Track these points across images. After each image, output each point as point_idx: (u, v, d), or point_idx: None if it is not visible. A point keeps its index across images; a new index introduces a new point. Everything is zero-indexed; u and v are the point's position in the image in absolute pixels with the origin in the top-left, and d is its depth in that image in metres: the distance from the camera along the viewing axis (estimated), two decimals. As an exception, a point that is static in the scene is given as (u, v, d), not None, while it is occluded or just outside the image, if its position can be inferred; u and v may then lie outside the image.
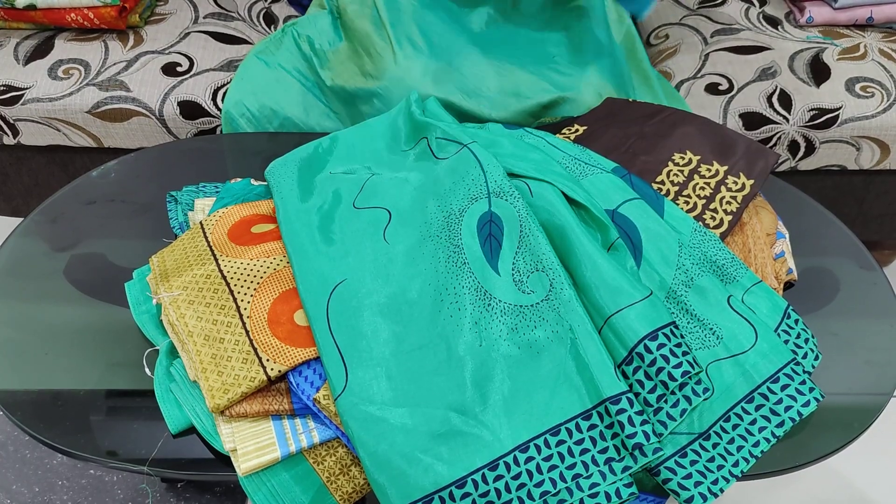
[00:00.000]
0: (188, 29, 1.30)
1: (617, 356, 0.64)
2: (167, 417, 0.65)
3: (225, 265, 0.72)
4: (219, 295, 0.69)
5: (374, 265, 0.72)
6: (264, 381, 0.63)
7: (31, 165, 1.32)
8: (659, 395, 0.63)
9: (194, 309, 0.68)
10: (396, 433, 0.60)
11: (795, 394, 0.65)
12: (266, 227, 0.77)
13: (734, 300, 0.70)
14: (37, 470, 1.21)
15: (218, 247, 0.74)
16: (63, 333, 0.74)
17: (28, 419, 0.67)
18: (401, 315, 0.68)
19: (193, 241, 0.76)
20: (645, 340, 0.63)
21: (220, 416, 0.63)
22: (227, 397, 0.62)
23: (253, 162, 0.95)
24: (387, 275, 0.71)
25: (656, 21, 1.42)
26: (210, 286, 0.70)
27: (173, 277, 0.72)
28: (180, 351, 0.68)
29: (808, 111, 1.19)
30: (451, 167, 0.78)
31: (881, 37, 1.31)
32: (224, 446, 0.63)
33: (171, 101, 1.18)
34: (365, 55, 1.07)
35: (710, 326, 0.68)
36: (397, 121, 0.92)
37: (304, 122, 1.09)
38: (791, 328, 0.71)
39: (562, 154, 0.82)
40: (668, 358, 0.62)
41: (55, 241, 0.83)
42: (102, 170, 0.91)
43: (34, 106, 1.18)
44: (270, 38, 1.16)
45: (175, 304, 0.69)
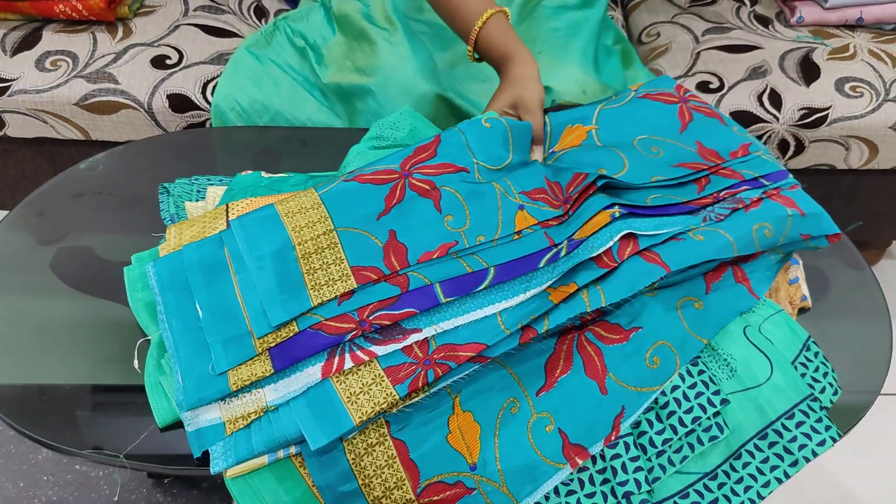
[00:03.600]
0: (178, 21, 1.29)
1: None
2: (155, 410, 0.65)
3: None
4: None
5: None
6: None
7: (18, 158, 1.31)
8: (665, 439, 0.62)
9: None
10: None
11: (811, 432, 0.63)
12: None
13: (750, 330, 0.68)
14: (21, 465, 1.20)
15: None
16: (49, 328, 0.73)
17: (13, 414, 0.66)
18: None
19: (214, 222, 0.75)
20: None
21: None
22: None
23: (243, 156, 0.94)
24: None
25: (648, 19, 1.42)
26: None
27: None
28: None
29: (797, 110, 1.20)
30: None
31: (871, 37, 1.32)
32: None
33: (160, 94, 1.17)
34: (358, 50, 1.06)
35: (725, 357, 0.66)
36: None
37: (294, 117, 1.09)
38: (810, 361, 0.68)
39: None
40: (679, 402, 0.62)
41: (42, 235, 0.82)
42: (90, 162, 0.90)
43: (21, 98, 1.17)
44: (261, 32, 1.16)
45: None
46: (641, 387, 0.63)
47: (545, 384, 0.64)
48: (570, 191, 0.73)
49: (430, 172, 0.73)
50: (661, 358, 0.64)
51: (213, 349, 0.63)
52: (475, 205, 0.71)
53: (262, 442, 0.59)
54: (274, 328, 0.63)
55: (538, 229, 0.70)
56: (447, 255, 0.67)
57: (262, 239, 0.69)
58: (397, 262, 0.66)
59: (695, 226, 0.70)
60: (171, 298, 0.67)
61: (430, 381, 0.60)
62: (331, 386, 0.61)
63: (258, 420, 0.61)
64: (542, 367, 0.65)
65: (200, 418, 0.61)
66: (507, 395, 0.63)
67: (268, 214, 0.71)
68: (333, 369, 0.61)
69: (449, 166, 0.74)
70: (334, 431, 0.59)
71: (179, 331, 0.65)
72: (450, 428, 0.61)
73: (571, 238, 0.69)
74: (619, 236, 0.67)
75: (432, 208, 0.70)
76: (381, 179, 0.72)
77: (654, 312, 0.66)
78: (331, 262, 0.66)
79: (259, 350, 0.62)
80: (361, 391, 0.60)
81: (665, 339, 0.65)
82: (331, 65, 1.09)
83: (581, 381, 0.64)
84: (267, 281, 0.65)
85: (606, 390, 0.63)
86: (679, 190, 0.75)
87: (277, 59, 1.12)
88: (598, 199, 0.71)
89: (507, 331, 0.63)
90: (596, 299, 0.64)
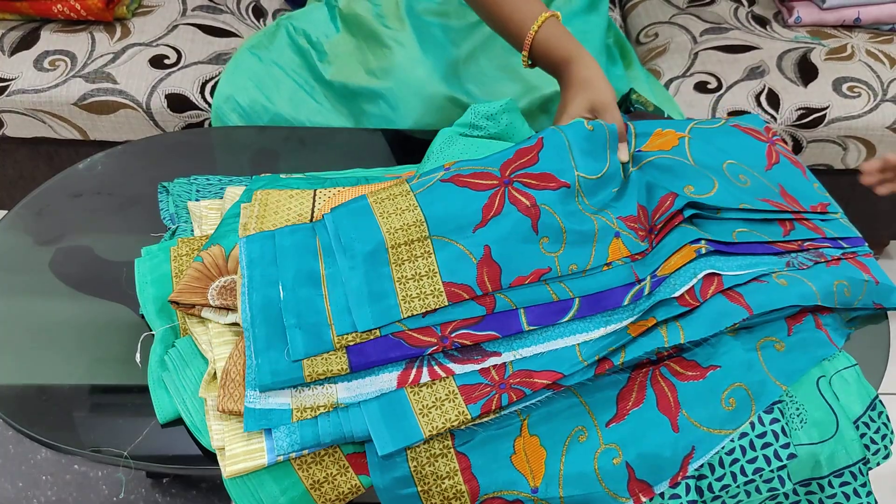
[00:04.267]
0: (176, 21, 1.29)
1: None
2: (157, 406, 0.65)
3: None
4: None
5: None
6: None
7: (16, 157, 1.31)
8: (724, 486, 0.61)
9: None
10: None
11: (852, 494, 0.63)
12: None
13: (823, 381, 0.66)
14: (21, 465, 1.20)
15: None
16: (48, 327, 0.73)
17: (12, 413, 0.66)
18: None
19: (301, 206, 0.75)
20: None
21: (212, 413, 0.62)
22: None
23: (242, 156, 0.94)
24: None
25: (646, 20, 1.42)
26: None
27: (269, 227, 0.72)
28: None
29: (795, 110, 1.20)
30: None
31: (868, 37, 1.32)
32: (212, 443, 0.62)
33: (158, 94, 1.17)
34: (369, 52, 1.06)
35: (797, 406, 0.65)
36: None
37: (294, 118, 1.09)
38: (873, 421, 0.66)
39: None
40: (745, 450, 0.61)
41: (40, 235, 0.82)
42: (89, 162, 0.90)
43: (19, 97, 1.17)
44: (263, 32, 1.15)
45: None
46: (714, 428, 0.62)
47: (616, 415, 0.63)
48: (656, 218, 0.71)
49: (532, 185, 0.71)
50: (738, 400, 0.63)
51: (290, 332, 0.62)
52: (572, 230, 0.70)
53: (328, 435, 0.60)
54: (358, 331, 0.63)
55: (627, 262, 0.69)
56: (537, 281, 0.67)
57: (356, 237, 0.68)
58: (490, 283, 0.65)
59: (778, 269, 0.69)
60: (256, 274, 0.66)
61: (504, 404, 0.60)
62: (404, 396, 0.61)
63: (326, 413, 0.61)
64: (614, 398, 0.64)
65: (269, 400, 0.61)
66: (577, 422, 0.63)
67: (361, 208, 0.70)
68: (409, 380, 0.62)
69: (551, 179, 0.71)
70: (403, 441, 0.59)
71: (258, 306, 0.64)
72: (515, 449, 0.61)
73: (654, 274, 0.68)
74: (702, 275, 0.66)
75: (530, 228, 0.69)
76: (481, 185, 0.71)
77: (734, 353, 0.65)
78: (423, 274, 0.66)
79: (337, 346, 0.62)
80: (434, 405, 0.61)
81: (742, 382, 0.64)
82: (334, 62, 1.09)
83: (653, 415, 0.63)
84: (357, 281, 0.65)
85: (678, 428, 0.62)
86: (765, 227, 0.73)
87: (279, 61, 1.12)
88: (684, 231, 0.69)
89: (584, 362, 0.62)
90: (675, 335, 0.64)
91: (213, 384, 0.64)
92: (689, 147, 0.78)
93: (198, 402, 0.64)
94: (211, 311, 0.67)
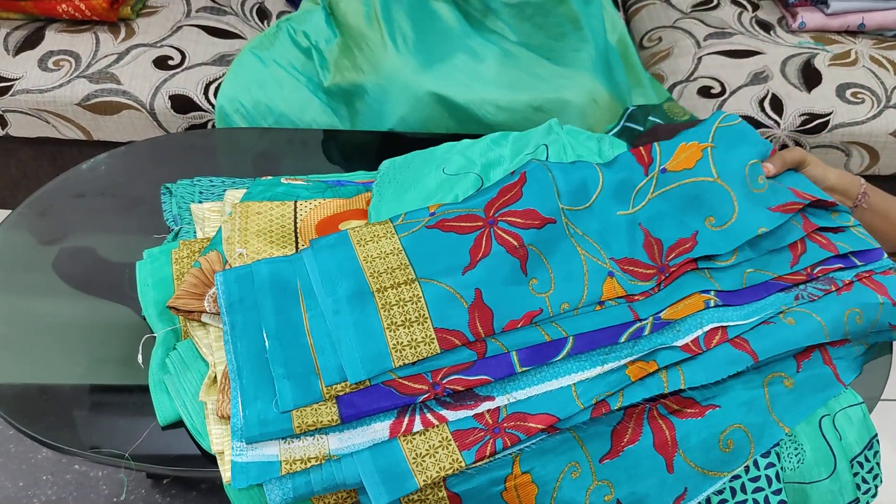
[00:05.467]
0: (180, 22, 1.29)
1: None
2: (157, 408, 0.65)
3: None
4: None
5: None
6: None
7: (20, 157, 1.31)
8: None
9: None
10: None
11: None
12: (354, 223, 0.77)
13: (826, 421, 0.66)
14: (21, 464, 1.20)
15: (303, 234, 0.74)
16: (50, 327, 0.74)
17: (13, 413, 0.66)
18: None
19: (283, 218, 0.75)
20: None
21: (212, 417, 0.62)
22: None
23: (245, 157, 0.94)
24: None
25: (650, 24, 1.42)
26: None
27: (252, 239, 0.71)
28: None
29: (798, 116, 1.20)
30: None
31: (872, 43, 1.32)
32: (212, 447, 0.62)
33: (162, 95, 1.17)
34: (357, 50, 1.06)
35: (796, 445, 0.65)
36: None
37: (299, 118, 1.09)
38: (867, 461, 0.66)
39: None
40: (735, 492, 0.61)
41: (43, 234, 0.82)
42: (93, 163, 0.90)
43: (23, 97, 1.17)
44: (265, 34, 1.16)
45: (242, 262, 0.69)
46: (709, 470, 0.62)
47: (610, 451, 0.62)
48: (671, 258, 0.70)
49: (517, 223, 0.70)
50: (736, 443, 0.63)
51: (278, 383, 0.61)
52: (561, 269, 0.69)
53: (320, 484, 0.59)
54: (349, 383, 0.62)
55: (623, 302, 0.68)
56: (529, 324, 0.66)
57: (338, 278, 0.67)
58: (482, 329, 0.64)
59: (786, 306, 0.68)
60: (238, 321, 0.65)
61: (498, 449, 0.60)
62: (397, 445, 0.60)
63: (318, 465, 0.60)
64: (608, 434, 0.63)
65: (256, 451, 0.59)
66: (570, 458, 0.62)
67: (344, 249, 0.69)
68: (402, 429, 0.61)
69: (535, 217, 0.71)
70: (398, 491, 0.58)
71: (244, 354, 0.63)
72: (506, 486, 0.61)
73: (658, 316, 0.67)
74: (709, 328, 0.65)
75: (518, 270, 0.68)
76: (465, 228, 0.70)
77: (735, 394, 0.64)
78: (413, 320, 0.64)
79: (326, 396, 0.61)
80: (428, 453, 0.60)
81: (742, 423, 0.63)
82: (332, 67, 1.10)
83: (648, 453, 0.62)
84: (344, 329, 0.63)
85: (673, 468, 0.62)
86: (776, 257, 0.72)
87: (281, 61, 1.12)
88: (694, 279, 0.69)
89: (581, 405, 0.61)
90: (675, 381, 0.63)
91: (213, 388, 0.64)
92: (712, 159, 0.76)
93: (198, 405, 0.64)
94: (210, 317, 0.67)
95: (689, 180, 0.74)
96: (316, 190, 0.82)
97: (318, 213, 0.77)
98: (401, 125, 1.01)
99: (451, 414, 0.61)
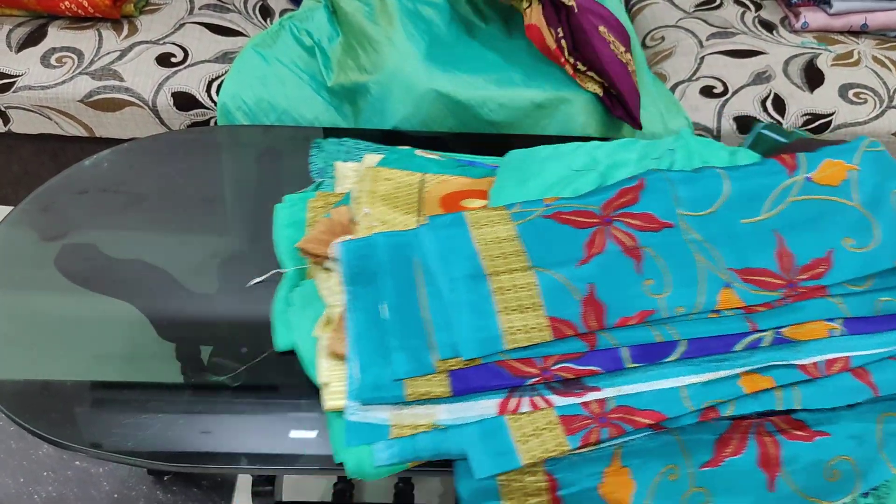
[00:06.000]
0: (183, 20, 1.29)
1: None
2: (275, 337, 0.70)
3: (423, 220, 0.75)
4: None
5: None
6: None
7: (22, 154, 1.31)
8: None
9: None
10: None
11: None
12: (475, 202, 0.79)
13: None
14: (22, 461, 1.20)
15: (427, 205, 0.78)
16: (52, 323, 0.74)
17: (15, 409, 0.66)
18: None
19: (409, 187, 0.79)
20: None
21: (324, 352, 0.67)
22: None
23: (248, 154, 0.94)
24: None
25: (652, 23, 1.42)
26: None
27: (378, 202, 0.76)
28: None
29: (801, 116, 1.20)
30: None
31: (875, 44, 1.32)
32: (319, 378, 0.66)
33: (164, 92, 1.17)
34: (360, 49, 1.06)
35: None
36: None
37: (301, 116, 1.09)
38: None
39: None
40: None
41: (46, 231, 0.83)
42: (95, 159, 0.90)
43: (26, 94, 1.17)
44: (268, 32, 1.16)
45: (367, 221, 0.74)
46: (811, 496, 0.62)
47: (712, 460, 0.62)
48: (802, 279, 0.69)
49: (634, 225, 0.71)
50: (842, 474, 0.62)
51: (395, 354, 0.64)
52: (677, 272, 0.69)
53: (426, 450, 0.61)
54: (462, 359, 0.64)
55: (740, 313, 0.68)
56: (641, 323, 0.67)
57: (454, 259, 0.69)
58: (595, 322, 0.66)
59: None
60: (359, 291, 0.69)
61: (604, 438, 0.61)
62: (504, 422, 0.62)
63: (425, 431, 0.62)
64: (711, 443, 0.63)
65: (368, 413, 0.63)
66: (670, 460, 0.62)
67: (460, 230, 0.71)
68: (509, 409, 0.62)
69: (652, 220, 0.72)
70: (501, 466, 0.60)
71: (363, 323, 0.67)
72: (604, 478, 0.61)
73: (779, 331, 0.66)
74: (831, 356, 0.65)
75: (632, 270, 0.69)
76: (581, 223, 0.71)
77: (846, 424, 0.63)
78: (527, 306, 0.66)
79: (438, 369, 0.64)
80: (534, 434, 0.62)
81: (851, 456, 0.62)
82: (335, 67, 1.10)
83: (750, 468, 0.62)
84: (459, 309, 0.66)
85: (774, 487, 0.61)
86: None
87: (283, 59, 1.12)
88: (822, 304, 0.68)
89: (691, 408, 0.62)
90: (790, 400, 0.63)
91: (328, 326, 0.70)
92: (857, 183, 0.75)
93: (311, 339, 0.69)
94: (333, 262, 0.72)
95: (832, 198, 0.74)
96: (447, 166, 0.85)
97: (444, 187, 0.81)
98: (403, 123, 1.01)
99: (558, 399, 0.63)
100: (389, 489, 0.98)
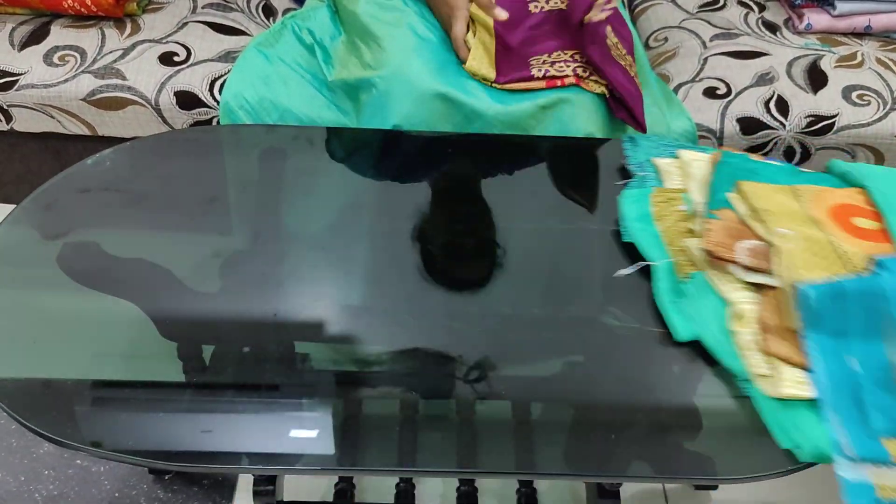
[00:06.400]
0: (186, 19, 1.29)
1: None
2: (673, 327, 0.74)
3: (835, 239, 0.76)
4: (829, 261, 0.74)
5: None
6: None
7: (24, 152, 1.31)
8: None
9: (805, 260, 0.74)
10: None
11: None
12: (865, 221, 0.79)
13: None
14: (23, 459, 1.20)
15: (820, 221, 0.78)
16: (53, 322, 0.74)
17: (16, 407, 0.66)
18: None
19: (785, 202, 0.80)
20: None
21: (749, 345, 0.71)
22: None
23: (251, 154, 0.94)
24: None
25: (656, 24, 1.42)
26: (820, 250, 0.75)
27: (771, 219, 0.77)
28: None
29: (804, 117, 1.20)
30: None
31: (878, 45, 1.32)
32: (751, 369, 0.69)
33: (167, 91, 1.17)
34: (364, 47, 1.06)
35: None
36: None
37: (304, 115, 1.09)
38: None
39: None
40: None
41: (47, 229, 0.83)
42: (98, 158, 0.90)
43: (28, 92, 1.17)
44: (270, 31, 1.16)
45: (785, 242, 0.75)
46: None
47: None
48: None
49: None
50: None
51: (871, 413, 0.64)
52: None
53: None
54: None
55: None
56: None
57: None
58: None
59: None
60: (825, 343, 0.68)
61: None
62: None
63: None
64: None
65: (857, 472, 0.63)
66: None
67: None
68: None
69: None
70: None
71: (837, 376, 0.67)
72: None
73: None
74: None
75: None
76: None
77: None
78: None
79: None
80: None
81: None
82: (337, 63, 1.10)
83: None
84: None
85: None
86: None
87: (286, 57, 1.12)
88: None
89: None
90: None
91: (740, 322, 0.74)
92: None
93: (725, 332, 0.73)
94: (738, 268, 0.76)
95: None
96: (789, 173, 0.87)
97: (823, 201, 0.81)
98: (405, 122, 1.01)
99: None
100: (390, 489, 0.98)
